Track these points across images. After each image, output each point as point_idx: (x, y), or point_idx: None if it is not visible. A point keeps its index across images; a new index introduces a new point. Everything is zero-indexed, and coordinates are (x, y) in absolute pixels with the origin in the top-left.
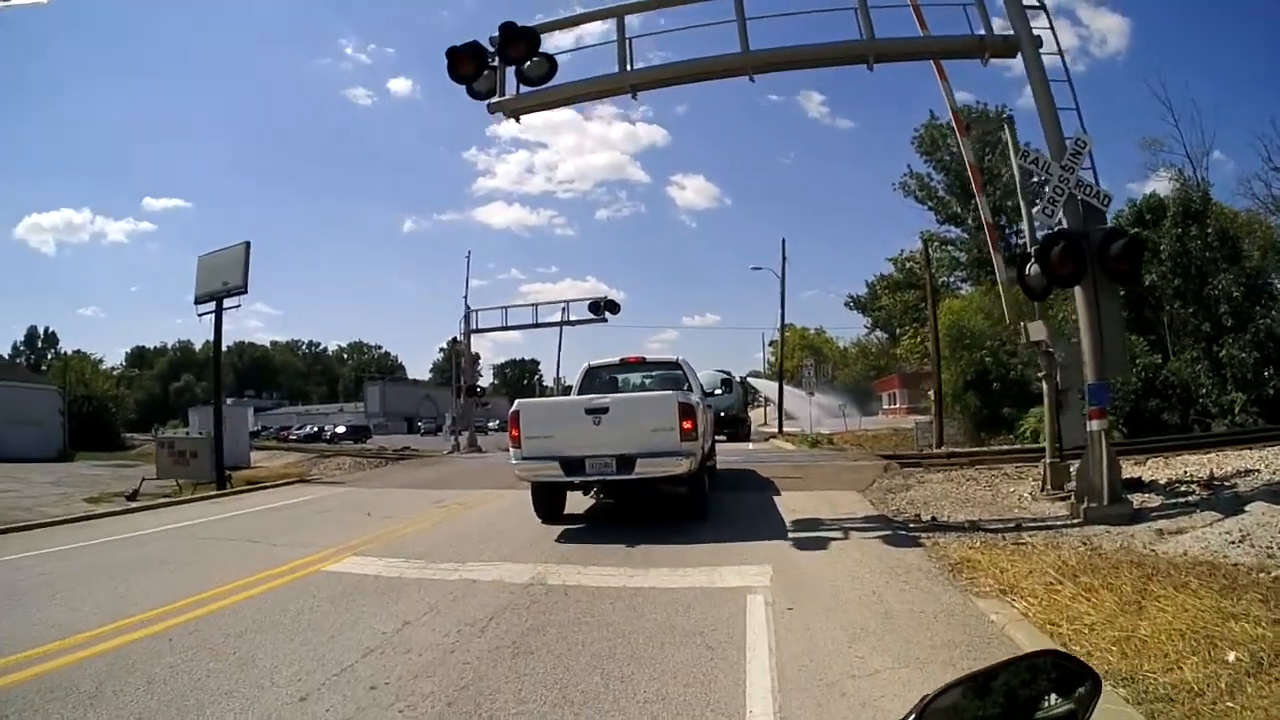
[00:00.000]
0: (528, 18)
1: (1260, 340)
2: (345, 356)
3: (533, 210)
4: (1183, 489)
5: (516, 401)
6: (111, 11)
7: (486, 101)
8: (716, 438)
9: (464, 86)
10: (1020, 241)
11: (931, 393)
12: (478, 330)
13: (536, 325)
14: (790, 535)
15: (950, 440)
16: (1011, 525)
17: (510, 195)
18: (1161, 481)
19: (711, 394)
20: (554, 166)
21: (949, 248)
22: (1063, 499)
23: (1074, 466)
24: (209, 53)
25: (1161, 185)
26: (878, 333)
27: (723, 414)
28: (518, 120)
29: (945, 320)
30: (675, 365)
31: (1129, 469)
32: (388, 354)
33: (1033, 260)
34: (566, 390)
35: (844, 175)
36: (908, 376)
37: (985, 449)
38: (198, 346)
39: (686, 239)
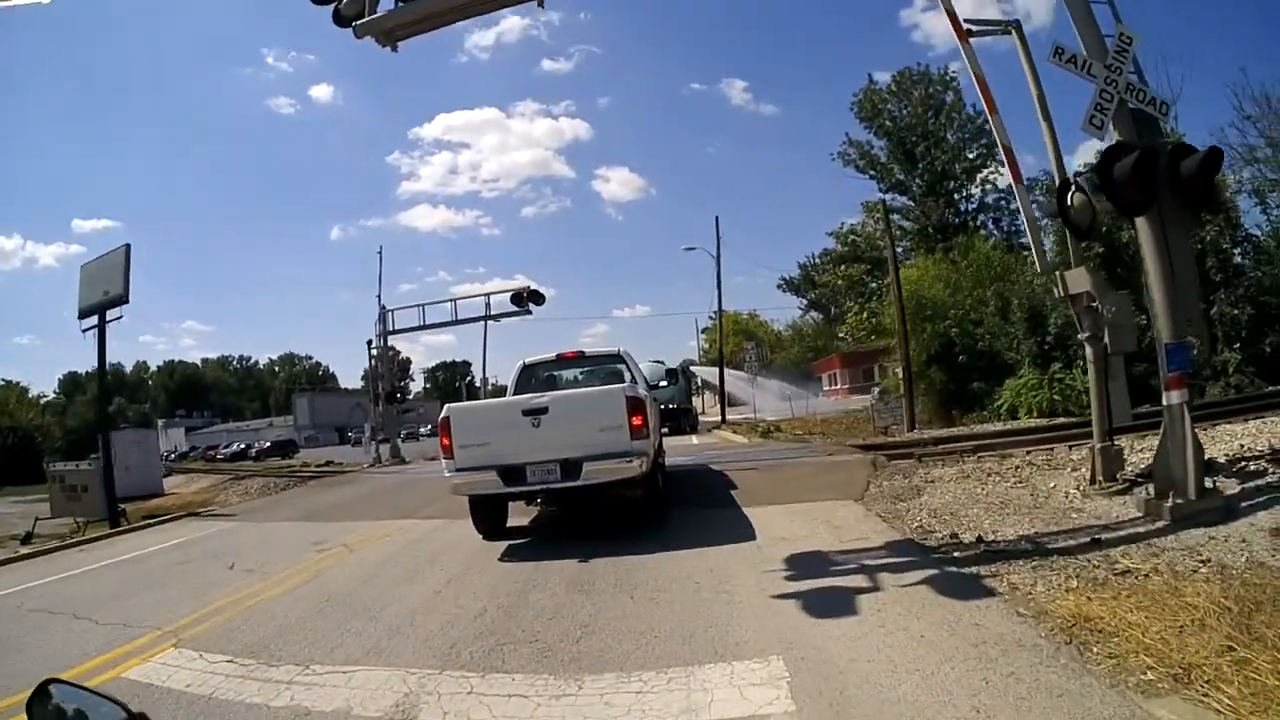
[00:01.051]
0: None
1: (1253, 295)
2: (276, 369)
3: (458, 211)
4: (1252, 468)
5: (446, 407)
6: (28, 31)
7: (353, 25)
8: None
9: (329, 10)
10: (971, 207)
11: (897, 370)
12: (394, 331)
13: (456, 322)
14: (792, 585)
15: (917, 420)
16: (1086, 540)
17: (435, 197)
18: (1221, 460)
19: (655, 386)
20: (477, 166)
21: (894, 216)
22: (1119, 492)
23: (1126, 451)
24: (131, 69)
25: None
26: (813, 314)
27: (665, 406)
28: (394, 48)
29: (903, 291)
30: (617, 358)
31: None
32: (319, 364)
33: (1074, 189)
34: (500, 391)
35: (770, 161)
36: (848, 356)
37: (975, 432)
38: (128, 368)
39: (614, 231)
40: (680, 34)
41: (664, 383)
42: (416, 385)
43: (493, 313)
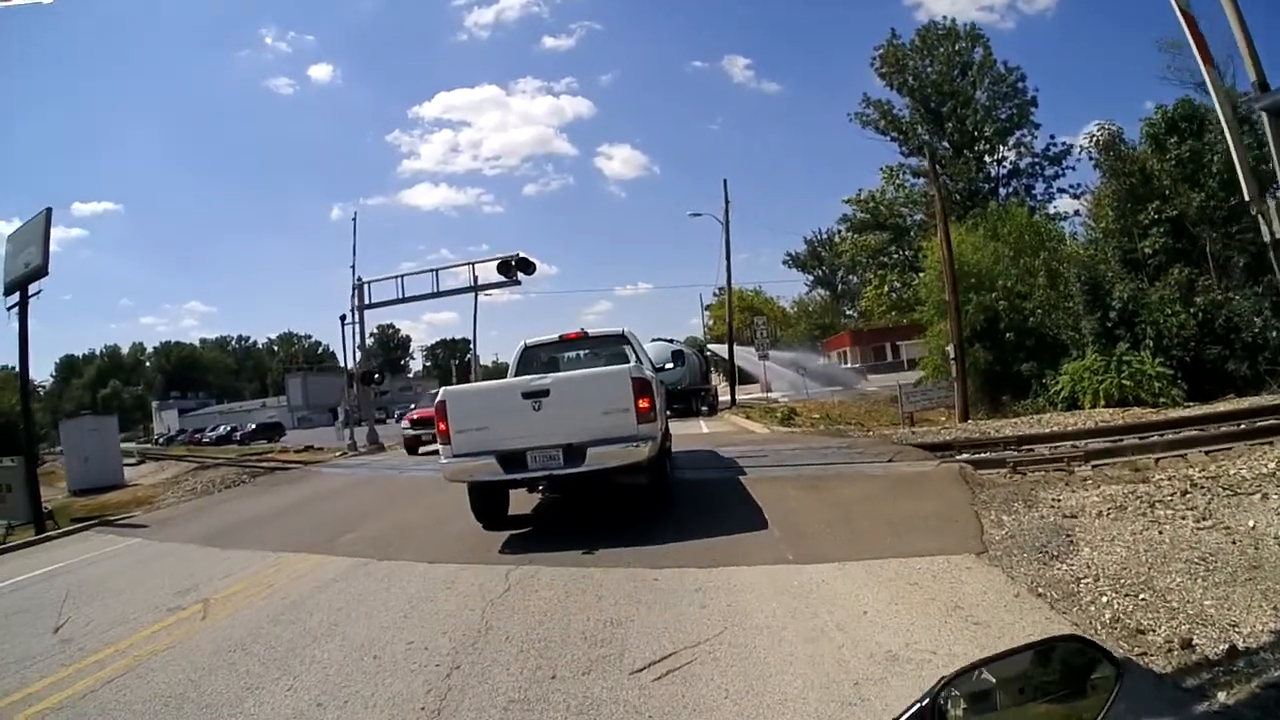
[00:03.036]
0: None
1: None
2: (275, 349)
3: (460, 190)
4: None
5: (442, 390)
6: (23, 15)
7: None
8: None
9: None
10: (1002, 172)
11: (946, 347)
12: (370, 306)
13: (437, 294)
14: None
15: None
16: None
17: (436, 176)
18: None
19: (661, 368)
20: (478, 144)
21: (920, 180)
22: None
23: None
24: (129, 51)
25: (1184, 94)
26: (819, 290)
27: (672, 388)
28: None
29: (940, 258)
30: (621, 338)
31: None
32: (318, 343)
33: None
34: (500, 371)
35: (772, 139)
36: (860, 334)
37: (1057, 430)
38: (125, 350)
39: (616, 209)
40: (682, 10)
41: (670, 364)
42: (416, 364)
43: (480, 283)
